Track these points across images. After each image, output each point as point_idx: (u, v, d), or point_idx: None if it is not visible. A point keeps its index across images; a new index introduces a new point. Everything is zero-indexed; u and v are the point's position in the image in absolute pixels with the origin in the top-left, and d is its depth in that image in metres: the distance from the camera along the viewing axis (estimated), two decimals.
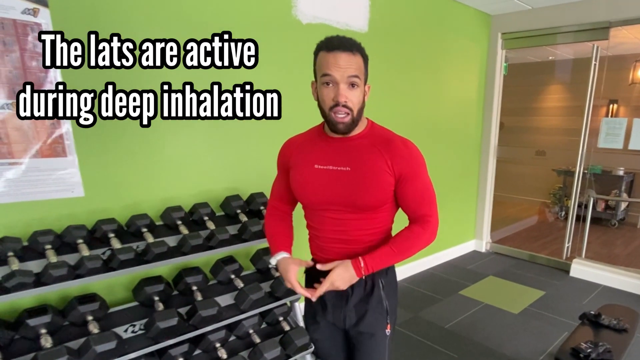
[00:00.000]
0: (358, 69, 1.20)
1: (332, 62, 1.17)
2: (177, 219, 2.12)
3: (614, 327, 2.26)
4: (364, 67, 1.23)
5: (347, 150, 1.30)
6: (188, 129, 2.29)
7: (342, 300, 1.40)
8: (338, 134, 1.29)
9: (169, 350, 1.92)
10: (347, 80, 1.19)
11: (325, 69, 1.19)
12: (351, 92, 1.21)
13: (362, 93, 1.25)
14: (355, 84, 1.20)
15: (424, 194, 1.33)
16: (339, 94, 1.19)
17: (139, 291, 1.97)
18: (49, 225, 1.85)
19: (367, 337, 1.41)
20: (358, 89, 1.22)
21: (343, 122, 1.23)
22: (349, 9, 2.99)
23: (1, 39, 1.56)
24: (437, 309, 3.35)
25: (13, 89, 1.61)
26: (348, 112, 1.22)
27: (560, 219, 6.34)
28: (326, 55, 1.19)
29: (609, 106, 6.06)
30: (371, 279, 1.38)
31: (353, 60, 1.18)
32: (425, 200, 1.34)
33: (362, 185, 1.28)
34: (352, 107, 1.22)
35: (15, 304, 1.79)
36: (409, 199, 1.33)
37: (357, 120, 1.26)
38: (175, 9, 2.14)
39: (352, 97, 1.21)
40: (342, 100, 1.19)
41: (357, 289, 1.38)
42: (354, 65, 1.18)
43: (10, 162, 1.64)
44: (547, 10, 3.97)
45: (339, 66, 1.17)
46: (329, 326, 1.50)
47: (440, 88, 4.02)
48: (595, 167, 4.67)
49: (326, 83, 1.21)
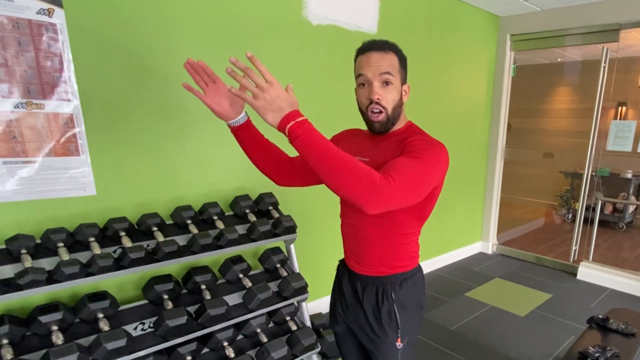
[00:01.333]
0: (390, 67, 1.21)
1: (364, 62, 1.22)
2: (186, 218, 2.14)
3: (622, 332, 2.24)
4: (400, 66, 1.24)
5: (374, 145, 1.32)
6: (198, 130, 2.31)
7: (357, 303, 1.40)
8: (374, 133, 1.31)
9: (178, 348, 1.94)
10: (380, 78, 1.21)
11: (359, 69, 1.24)
12: (384, 89, 1.22)
13: (398, 92, 1.25)
14: (389, 82, 1.22)
15: (408, 165, 1.11)
16: (372, 92, 1.22)
17: (148, 289, 1.99)
18: (61, 224, 1.87)
19: (378, 349, 1.39)
20: (392, 87, 1.23)
21: (377, 120, 1.25)
22: (358, 11, 3.00)
23: (16, 39, 1.58)
24: (443, 311, 3.35)
25: (28, 88, 1.62)
26: (382, 110, 1.23)
27: (567, 221, 6.31)
28: (360, 57, 1.24)
29: (618, 109, 6.02)
30: (382, 288, 1.35)
31: (385, 58, 1.21)
32: (397, 167, 1.09)
33: None
34: (386, 105, 1.23)
35: (27, 301, 1.81)
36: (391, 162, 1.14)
37: (394, 119, 1.27)
38: (188, 8, 2.16)
39: (386, 94, 1.22)
40: (374, 98, 1.21)
41: (368, 296, 1.37)
42: (385, 62, 1.20)
43: (25, 160, 1.66)
44: (557, 12, 3.95)
45: (370, 65, 1.20)
46: (347, 326, 1.49)
47: (449, 89, 4.01)
48: (603, 169, 4.64)
49: (362, 84, 1.25)
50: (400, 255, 1.35)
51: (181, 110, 2.22)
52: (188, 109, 2.25)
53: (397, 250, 1.34)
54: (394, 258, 1.35)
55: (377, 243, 1.34)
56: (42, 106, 1.67)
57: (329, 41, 2.85)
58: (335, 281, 1.54)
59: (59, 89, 1.70)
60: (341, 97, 2.90)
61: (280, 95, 1.04)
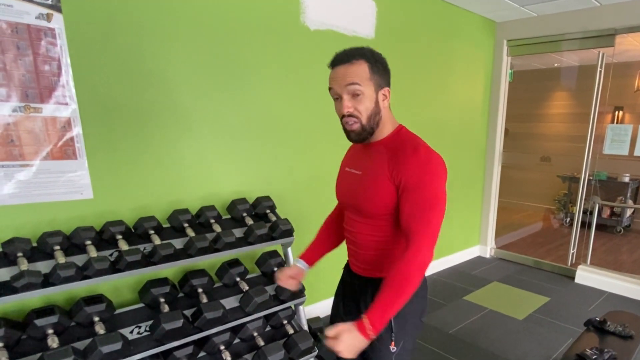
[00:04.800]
0: (357, 77, 1.20)
1: (332, 76, 1.24)
2: (183, 221, 2.14)
3: (620, 334, 2.24)
4: (371, 73, 1.21)
5: (365, 155, 1.34)
6: (195, 133, 2.32)
7: (356, 304, 1.45)
8: (353, 142, 1.33)
9: (174, 352, 1.94)
10: (347, 90, 1.21)
11: (329, 83, 1.25)
12: (355, 101, 1.22)
13: (371, 99, 1.23)
14: (358, 93, 1.21)
15: (424, 206, 1.20)
16: (342, 106, 1.23)
17: (145, 293, 1.99)
18: (58, 227, 1.87)
19: (372, 351, 1.38)
20: (362, 97, 1.22)
21: (352, 129, 1.26)
22: (356, 16, 3.02)
23: (15, 43, 1.60)
24: (441, 314, 3.35)
25: (26, 92, 1.64)
26: (356, 120, 1.24)
27: (565, 225, 6.31)
28: (330, 72, 1.26)
29: (615, 113, 6.05)
30: (378, 290, 1.34)
31: (350, 69, 1.20)
32: (417, 216, 1.19)
33: (366, 192, 1.29)
34: (359, 115, 1.23)
35: (23, 304, 1.81)
36: (404, 211, 1.22)
37: (371, 127, 1.26)
38: (187, 14, 2.18)
39: (357, 104, 1.22)
40: (345, 112, 1.23)
41: (364, 298, 1.41)
42: (351, 73, 1.20)
43: (22, 164, 1.67)
44: (553, 18, 3.98)
45: (337, 79, 1.22)
46: None
47: (446, 94, 4.03)
48: (601, 173, 4.66)
49: (335, 98, 1.27)
50: (394, 261, 1.35)
51: (178, 114, 2.23)
52: (185, 114, 2.26)
53: (391, 257, 1.36)
54: (388, 263, 1.36)
55: (373, 247, 1.37)
56: (39, 110, 1.68)
57: (327, 46, 2.87)
58: (339, 283, 1.60)
59: (57, 93, 1.71)
60: None
61: (347, 341, 1.16)
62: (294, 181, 2.88)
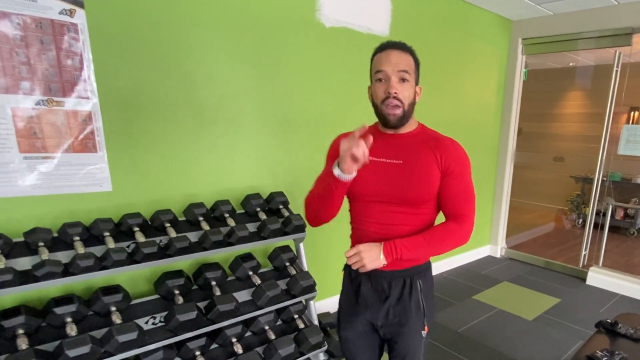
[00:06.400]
0: (408, 65, 1.28)
1: (384, 59, 1.28)
2: (199, 215, 2.18)
3: (631, 336, 2.23)
4: (415, 67, 1.31)
5: (399, 145, 1.36)
6: (211, 130, 2.35)
7: (381, 299, 1.42)
8: (389, 127, 1.34)
9: (187, 343, 1.98)
10: (398, 75, 1.27)
11: (378, 66, 1.29)
12: (402, 85, 1.28)
13: (413, 90, 1.31)
14: (406, 79, 1.28)
15: (467, 193, 1.36)
16: (391, 86, 1.27)
17: (160, 284, 2.03)
18: (78, 218, 1.92)
19: (404, 337, 1.42)
20: (408, 84, 1.29)
21: (394, 114, 1.29)
22: (371, 13, 3.02)
23: (39, 38, 1.63)
24: (451, 313, 3.35)
25: (49, 86, 1.68)
26: (399, 105, 1.28)
27: (577, 226, 6.25)
28: (379, 55, 1.30)
29: (630, 113, 5.96)
30: (410, 278, 1.40)
31: (403, 57, 1.28)
32: (466, 201, 1.36)
33: (412, 179, 1.32)
34: (403, 100, 1.28)
35: (43, 293, 1.86)
36: (451, 195, 1.35)
37: (408, 115, 1.32)
38: (207, 9, 2.20)
39: (403, 90, 1.28)
40: (392, 92, 1.27)
41: (395, 288, 1.40)
42: (404, 61, 1.27)
43: (44, 156, 1.71)
44: (569, 16, 3.93)
45: (390, 61, 1.27)
46: (365, 325, 1.48)
47: (459, 92, 4.02)
48: (615, 174, 4.61)
49: (379, 79, 1.30)
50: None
51: (196, 109, 2.26)
52: (203, 109, 2.29)
53: None
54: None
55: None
56: (62, 104, 1.72)
57: (341, 43, 2.88)
58: (347, 287, 1.52)
59: (79, 87, 1.75)
60: (353, 96, 2.94)
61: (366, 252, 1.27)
62: (308, 177, 2.89)
